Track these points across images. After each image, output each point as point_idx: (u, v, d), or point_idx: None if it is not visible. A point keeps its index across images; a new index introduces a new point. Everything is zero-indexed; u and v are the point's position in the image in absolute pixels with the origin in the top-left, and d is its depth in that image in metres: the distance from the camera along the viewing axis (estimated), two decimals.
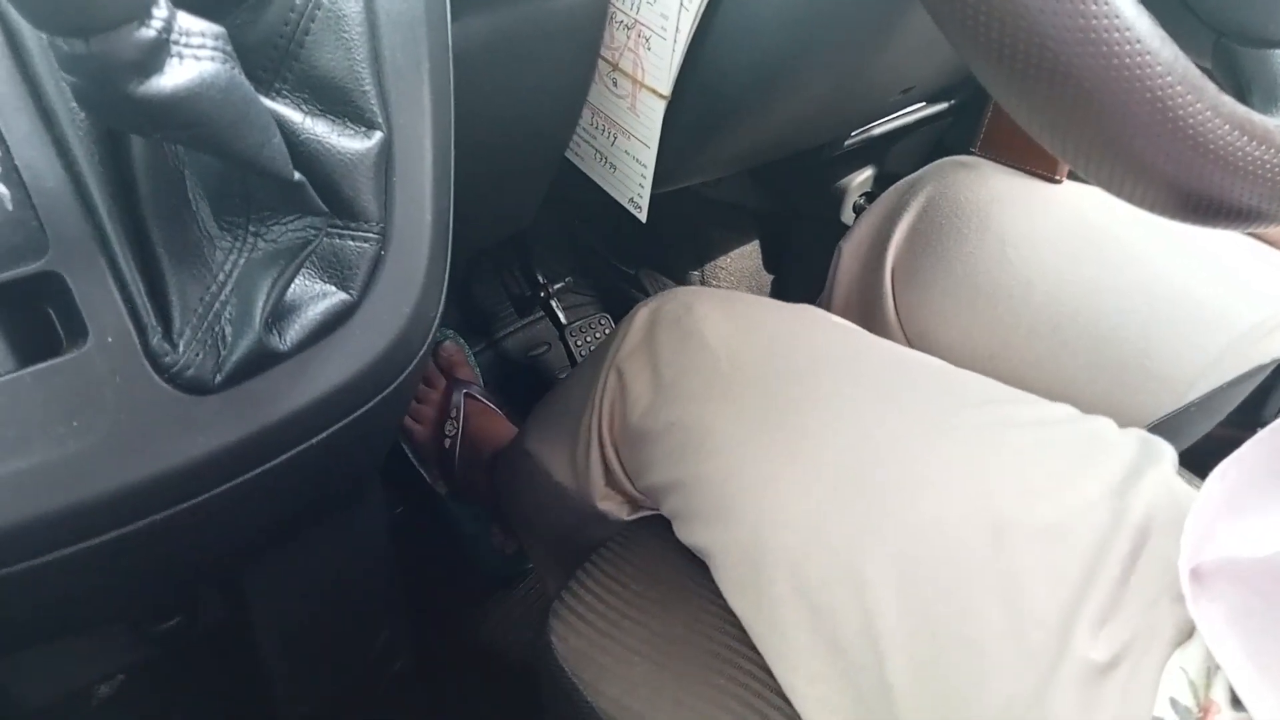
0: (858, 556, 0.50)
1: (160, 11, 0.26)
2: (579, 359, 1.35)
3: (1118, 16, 0.32)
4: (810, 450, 0.55)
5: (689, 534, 0.60)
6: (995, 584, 0.47)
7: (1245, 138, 0.36)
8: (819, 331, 0.64)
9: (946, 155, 0.89)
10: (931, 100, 0.94)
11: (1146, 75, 0.33)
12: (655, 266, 1.44)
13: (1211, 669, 0.42)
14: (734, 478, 0.57)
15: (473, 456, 1.10)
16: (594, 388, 0.70)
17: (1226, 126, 0.35)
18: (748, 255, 1.49)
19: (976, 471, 0.51)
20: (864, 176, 1.09)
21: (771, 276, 1.44)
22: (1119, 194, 0.39)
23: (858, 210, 1.14)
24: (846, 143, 0.92)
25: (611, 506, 0.72)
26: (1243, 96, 0.42)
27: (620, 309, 1.42)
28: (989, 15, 0.33)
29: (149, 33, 0.26)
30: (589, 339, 1.36)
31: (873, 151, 1.05)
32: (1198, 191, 0.37)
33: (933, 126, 1.02)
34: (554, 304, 1.33)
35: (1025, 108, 0.35)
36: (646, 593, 0.60)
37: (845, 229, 0.99)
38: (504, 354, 1.35)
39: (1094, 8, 0.32)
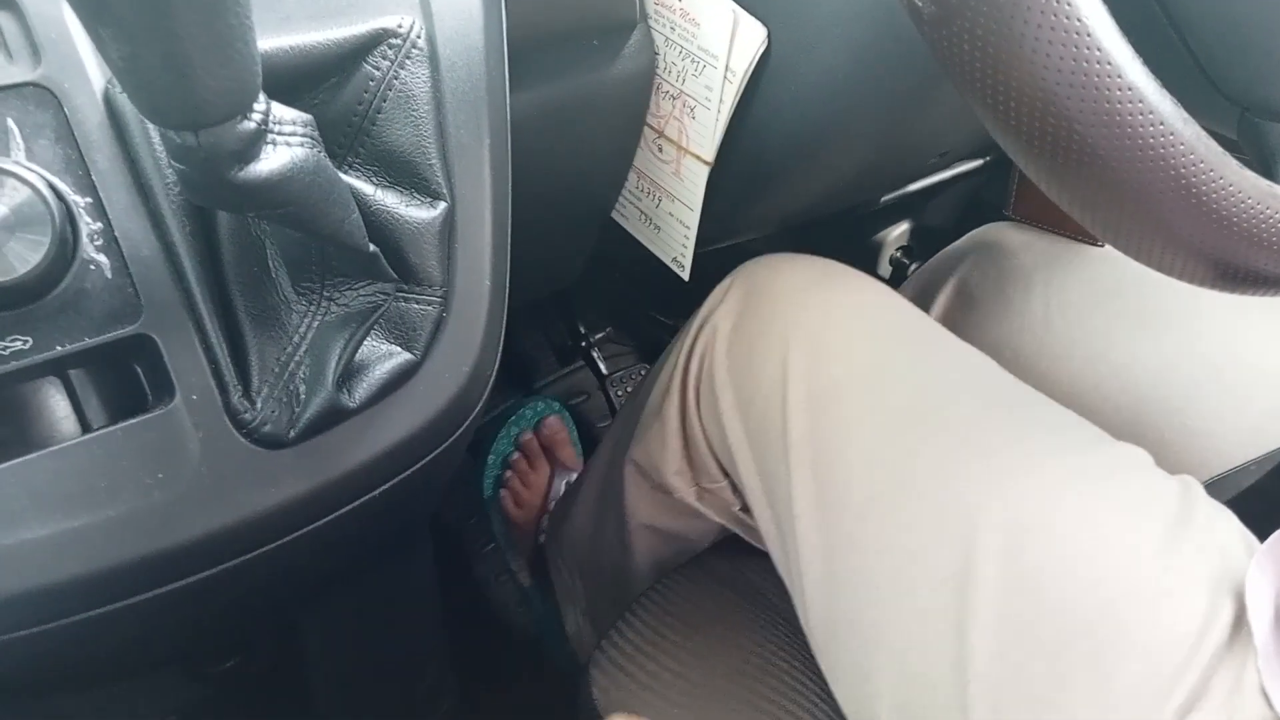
0: (960, 592, 0.49)
1: (260, 105, 0.29)
2: (618, 408, 1.37)
3: (1142, 100, 0.34)
4: (920, 469, 0.53)
5: (770, 539, 0.59)
6: (1092, 650, 0.46)
7: (1269, 210, 0.38)
8: (921, 333, 0.60)
9: (982, 208, 0.90)
10: (966, 158, 0.96)
11: (1170, 155, 0.34)
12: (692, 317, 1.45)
13: None
14: (824, 489, 0.55)
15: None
16: (679, 353, 0.67)
17: (1250, 200, 0.36)
18: None
19: (1087, 522, 0.50)
20: (900, 230, 1.11)
21: None
22: (1149, 265, 0.40)
23: (894, 263, 1.15)
24: (884, 199, 0.94)
25: (682, 484, 0.69)
26: (1269, 167, 0.44)
27: (658, 358, 1.43)
28: (1016, 99, 0.35)
29: (250, 125, 0.29)
30: (629, 389, 1.38)
31: (909, 206, 1.07)
32: (1226, 263, 0.38)
33: (968, 181, 1.04)
34: (595, 354, 1.36)
35: (1055, 185, 0.37)
36: (686, 643, 0.61)
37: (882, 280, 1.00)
38: None
39: (1118, 92, 0.33)
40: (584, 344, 1.35)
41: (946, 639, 0.49)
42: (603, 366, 1.36)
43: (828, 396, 0.56)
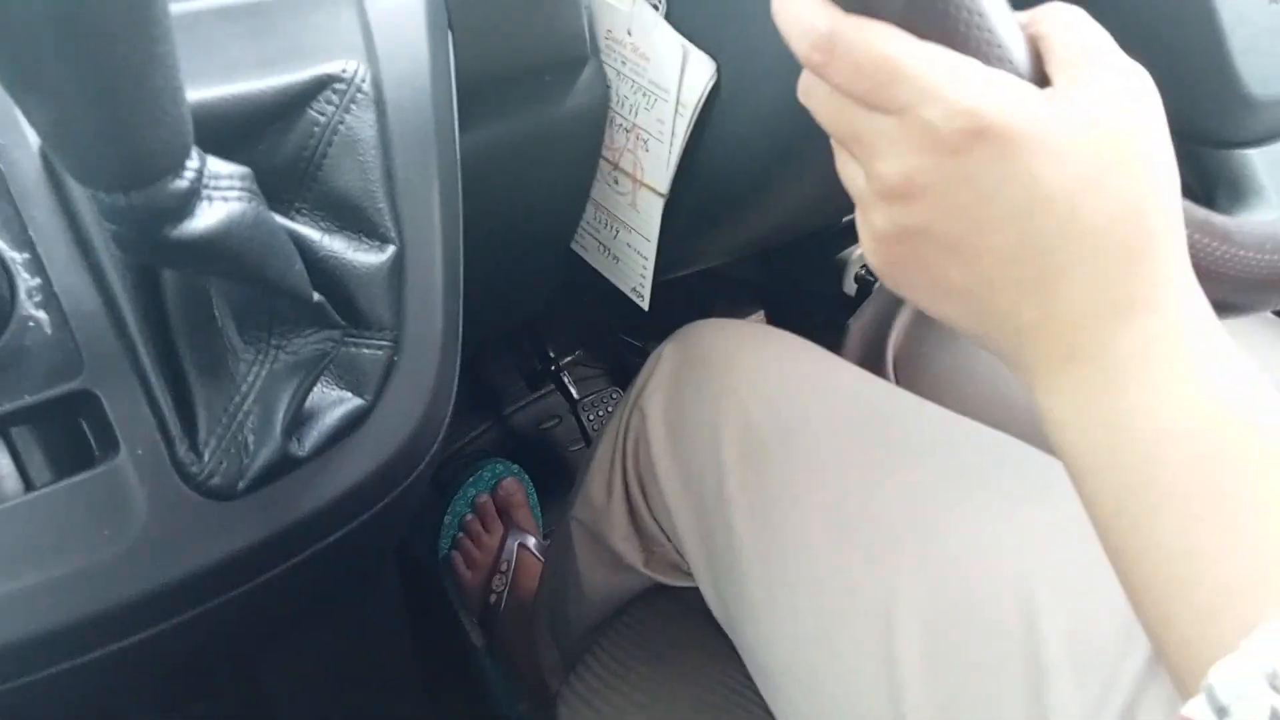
0: (887, 625, 0.50)
1: (193, 163, 0.29)
2: (591, 432, 1.37)
3: None
4: (848, 510, 0.54)
5: (710, 598, 0.60)
6: (1022, 669, 0.46)
7: (1206, 239, 0.38)
8: (848, 385, 0.62)
9: None
10: None
11: None
12: (663, 340, 1.46)
13: None
14: (760, 539, 0.56)
15: (517, 617, 1.04)
16: (619, 422, 0.69)
17: (1186, 230, 0.37)
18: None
19: (1009, 544, 0.51)
20: None
21: None
22: None
23: (859, 281, 1.16)
24: (845, 219, 0.95)
25: (629, 549, 0.71)
26: (1210, 195, 0.44)
27: (629, 381, 1.43)
28: None
29: (183, 183, 0.29)
30: (600, 413, 1.38)
31: None
32: None
33: None
34: (564, 378, 1.35)
35: None
36: (652, 675, 0.61)
37: (847, 299, 1.01)
38: (515, 427, 1.37)
39: None
40: (553, 368, 1.35)
41: (879, 675, 0.50)
42: (573, 390, 1.36)
43: (760, 451, 0.58)
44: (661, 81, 0.55)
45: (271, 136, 0.40)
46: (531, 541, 1.13)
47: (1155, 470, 0.31)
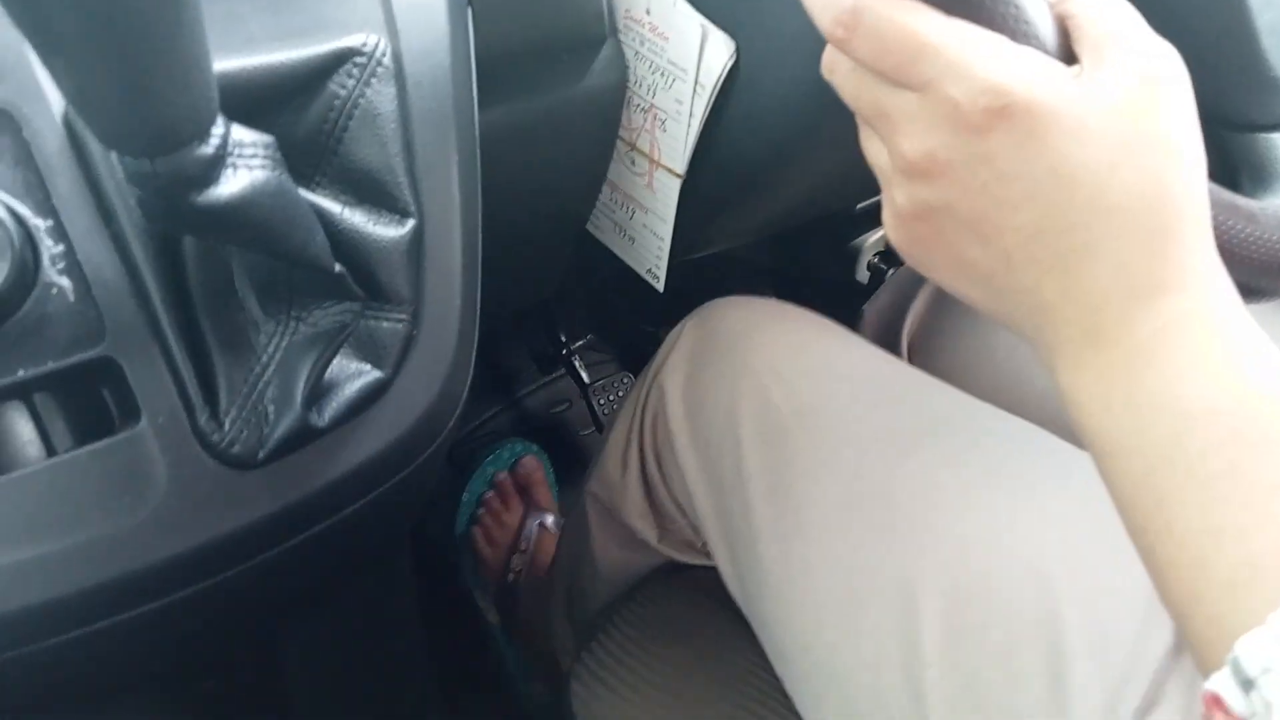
0: (908, 604, 0.50)
1: (218, 129, 0.29)
2: (602, 417, 1.37)
3: None
4: (866, 490, 0.54)
5: (728, 577, 0.60)
6: (1043, 652, 0.46)
7: (1231, 220, 0.38)
8: (867, 365, 0.62)
9: None
10: None
11: None
12: (676, 324, 1.46)
13: None
14: (779, 518, 0.56)
15: (535, 596, 1.02)
16: (637, 398, 0.70)
17: (1211, 211, 0.37)
18: None
19: (1026, 528, 0.51)
20: (878, 236, 1.11)
21: None
22: None
23: (872, 269, 1.16)
24: (859, 206, 0.94)
25: (644, 526, 0.71)
26: (1234, 178, 0.44)
27: (641, 366, 1.44)
28: None
29: (208, 150, 0.29)
30: (611, 397, 1.38)
31: None
32: None
33: None
34: (576, 362, 1.35)
35: None
36: (665, 653, 0.61)
37: (860, 286, 1.00)
38: (526, 411, 1.37)
39: None
40: (565, 352, 1.35)
41: (898, 654, 0.50)
42: (584, 375, 1.36)
43: (779, 430, 0.58)
44: (680, 61, 0.55)
45: (292, 110, 0.40)
46: (550, 520, 1.13)
47: (1179, 450, 0.31)
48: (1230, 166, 0.44)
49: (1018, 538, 0.50)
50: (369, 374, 0.41)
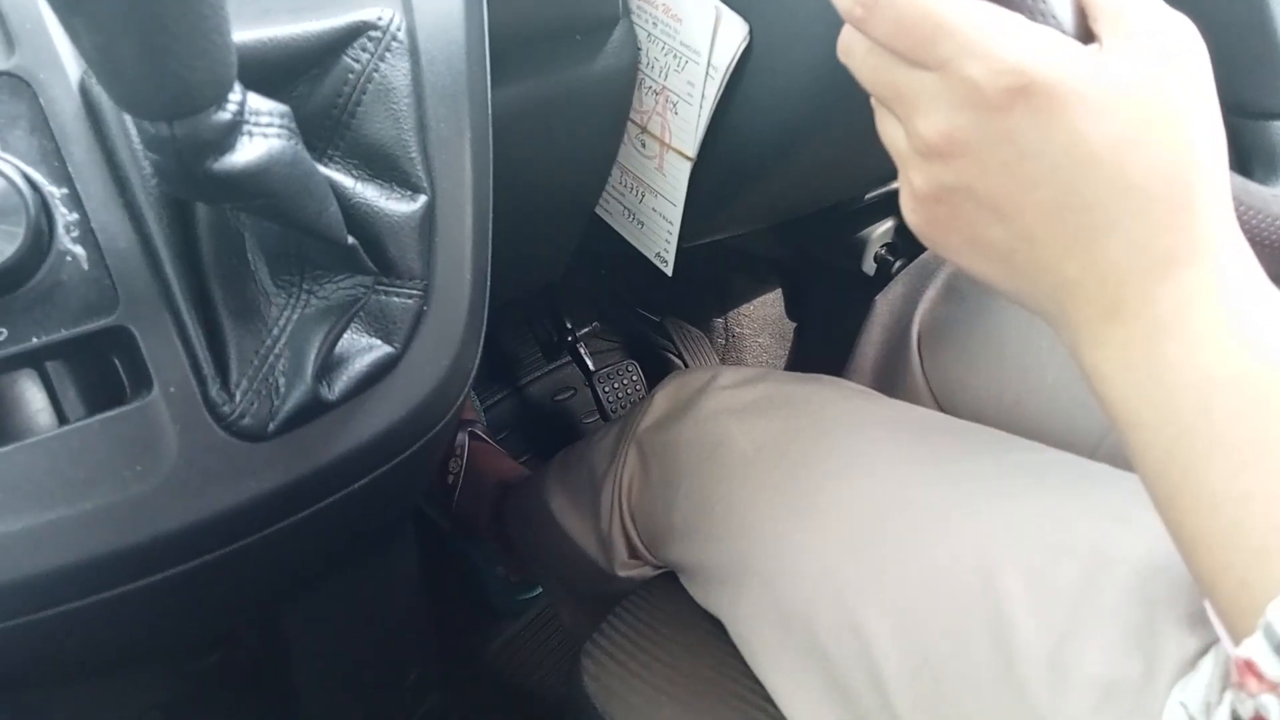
0: (861, 608, 0.52)
1: (235, 96, 0.29)
2: (606, 404, 1.37)
3: None
4: (823, 509, 0.57)
5: (704, 597, 0.63)
6: (985, 623, 0.48)
7: (1242, 207, 0.38)
8: (834, 401, 0.66)
9: None
10: None
11: None
12: (680, 314, 1.46)
13: (1211, 703, 0.42)
14: (748, 544, 0.59)
15: (475, 493, 1.15)
16: (615, 462, 0.73)
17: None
18: (770, 303, 1.51)
19: (971, 516, 0.53)
20: (885, 228, 1.11)
21: (794, 324, 1.46)
22: None
23: (879, 261, 1.15)
24: (868, 196, 0.94)
25: (633, 574, 0.75)
26: (1245, 166, 0.44)
27: (646, 355, 1.44)
28: None
29: (225, 116, 0.29)
30: (616, 385, 1.38)
31: (893, 204, 1.07)
32: None
33: None
34: (581, 349, 1.36)
35: None
36: (675, 637, 0.62)
37: (866, 279, 1.00)
38: (531, 398, 1.37)
39: None
40: (570, 339, 1.35)
41: (854, 654, 0.52)
42: (589, 362, 1.36)
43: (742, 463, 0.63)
44: (692, 43, 0.55)
45: (306, 82, 0.40)
46: (479, 428, 1.23)
47: (1204, 420, 0.31)
48: (1241, 156, 0.44)
49: (965, 527, 0.52)
50: (379, 348, 0.41)
